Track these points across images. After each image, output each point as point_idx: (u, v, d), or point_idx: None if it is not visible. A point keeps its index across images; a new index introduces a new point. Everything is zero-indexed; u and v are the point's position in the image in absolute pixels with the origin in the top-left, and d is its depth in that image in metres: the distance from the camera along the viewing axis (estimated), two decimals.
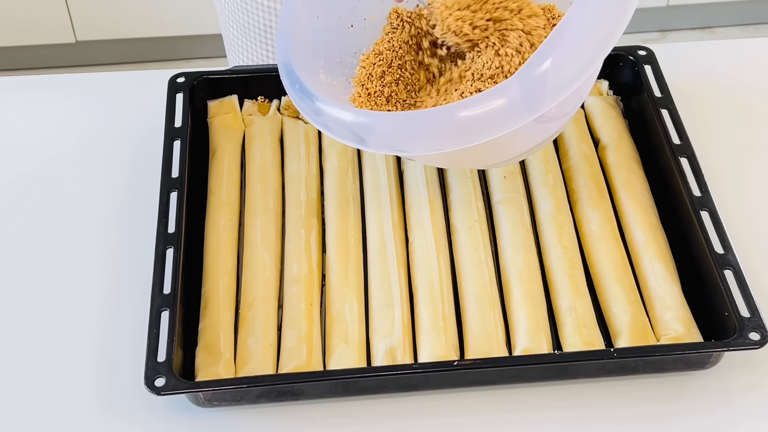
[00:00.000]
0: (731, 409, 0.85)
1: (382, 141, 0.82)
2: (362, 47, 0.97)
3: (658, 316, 0.89)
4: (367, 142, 0.81)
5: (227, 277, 0.92)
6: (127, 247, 0.97)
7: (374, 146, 0.82)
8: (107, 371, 0.88)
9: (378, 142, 0.81)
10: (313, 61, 0.92)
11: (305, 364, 0.86)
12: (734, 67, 1.15)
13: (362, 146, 0.81)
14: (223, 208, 0.97)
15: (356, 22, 0.97)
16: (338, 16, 0.96)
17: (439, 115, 0.80)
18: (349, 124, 0.82)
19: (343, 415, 0.85)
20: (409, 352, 0.87)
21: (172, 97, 1.02)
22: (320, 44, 0.94)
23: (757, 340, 0.82)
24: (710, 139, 1.06)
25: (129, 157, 1.05)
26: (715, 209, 0.92)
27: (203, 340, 0.88)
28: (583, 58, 0.77)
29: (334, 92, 0.92)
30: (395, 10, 0.97)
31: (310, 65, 0.91)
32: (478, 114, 0.77)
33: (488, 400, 0.86)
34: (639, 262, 0.93)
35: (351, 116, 0.83)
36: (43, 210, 1.01)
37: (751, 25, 2.63)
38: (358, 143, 0.81)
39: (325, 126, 0.83)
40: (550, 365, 0.84)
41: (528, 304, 0.89)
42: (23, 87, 1.15)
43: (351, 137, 0.82)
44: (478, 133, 0.78)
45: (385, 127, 0.82)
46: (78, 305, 0.93)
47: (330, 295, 0.91)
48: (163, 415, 0.85)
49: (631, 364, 0.86)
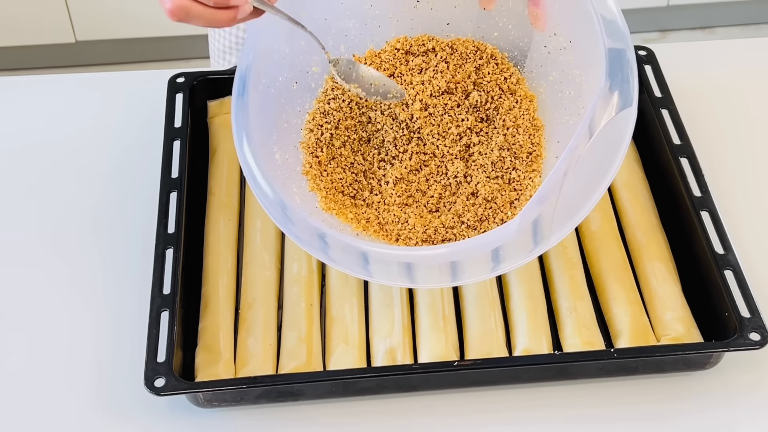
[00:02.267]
0: (731, 409, 0.85)
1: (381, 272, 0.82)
2: (306, 104, 0.95)
3: (659, 317, 0.89)
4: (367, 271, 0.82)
5: (227, 278, 0.92)
6: (127, 247, 0.97)
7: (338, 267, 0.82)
8: (107, 371, 0.88)
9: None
10: (267, 141, 0.89)
11: (305, 364, 0.86)
12: (734, 67, 1.15)
13: (367, 278, 0.83)
14: (223, 208, 0.97)
15: (300, 78, 0.94)
16: (284, 76, 0.93)
17: (432, 258, 0.81)
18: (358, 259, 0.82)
19: (343, 415, 0.85)
20: (409, 352, 0.87)
21: (172, 97, 1.02)
22: (271, 114, 0.91)
23: (757, 341, 0.82)
24: (710, 139, 1.05)
25: (129, 157, 1.05)
26: (715, 209, 0.92)
27: (203, 341, 0.88)
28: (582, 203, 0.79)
29: (288, 170, 0.90)
30: (337, 59, 0.95)
31: (265, 145, 0.88)
32: (468, 259, 0.80)
33: (488, 400, 0.86)
34: (639, 262, 0.93)
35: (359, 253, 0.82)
36: (42, 210, 1.01)
37: (751, 25, 2.63)
38: (364, 276, 0.82)
39: (295, 237, 0.82)
40: (550, 366, 0.84)
41: (528, 304, 0.89)
42: (23, 87, 1.15)
43: (356, 269, 0.82)
44: (469, 277, 0.81)
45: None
46: (78, 305, 0.93)
47: (330, 296, 0.91)
48: (163, 415, 0.85)
49: (631, 365, 0.86)
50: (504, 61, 0.96)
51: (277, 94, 0.92)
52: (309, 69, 0.95)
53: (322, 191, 0.90)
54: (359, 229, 0.89)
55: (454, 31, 0.97)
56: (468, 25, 0.97)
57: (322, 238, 0.81)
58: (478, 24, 0.97)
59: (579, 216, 0.79)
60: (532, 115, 0.93)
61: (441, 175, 0.92)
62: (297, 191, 0.89)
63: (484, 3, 0.93)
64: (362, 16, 0.97)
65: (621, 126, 0.80)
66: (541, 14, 0.90)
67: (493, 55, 0.96)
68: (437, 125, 0.93)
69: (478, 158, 0.91)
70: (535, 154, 0.91)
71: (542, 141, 0.92)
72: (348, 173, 0.92)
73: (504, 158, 0.91)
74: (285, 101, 0.93)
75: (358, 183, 0.92)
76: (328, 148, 0.93)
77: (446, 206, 0.90)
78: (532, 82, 0.95)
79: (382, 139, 0.94)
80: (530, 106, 0.93)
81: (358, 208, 0.91)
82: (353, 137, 0.94)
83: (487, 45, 0.96)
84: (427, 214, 0.90)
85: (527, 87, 0.95)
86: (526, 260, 0.80)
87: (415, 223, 0.88)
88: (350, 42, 0.97)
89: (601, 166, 0.80)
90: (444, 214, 0.89)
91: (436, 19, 0.97)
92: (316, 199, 0.90)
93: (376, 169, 0.93)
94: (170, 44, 2.47)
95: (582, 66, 0.88)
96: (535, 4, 0.90)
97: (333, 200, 0.90)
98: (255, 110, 0.88)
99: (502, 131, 0.92)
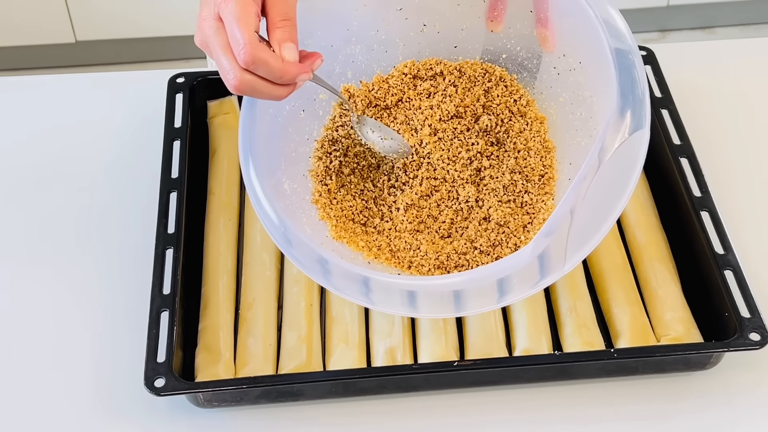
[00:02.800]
0: (731, 409, 0.85)
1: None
2: (314, 132, 0.94)
3: (659, 317, 0.89)
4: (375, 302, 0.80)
5: (227, 278, 0.92)
6: (126, 247, 0.97)
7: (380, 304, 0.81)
8: (107, 372, 0.88)
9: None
10: (276, 171, 0.88)
11: (305, 364, 0.86)
12: (734, 67, 1.15)
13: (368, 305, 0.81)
14: (223, 208, 0.97)
15: (307, 105, 0.94)
16: (291, 105, 0.92)
17: (441, 286, 0.80)
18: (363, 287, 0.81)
19: (343, 415, 0.85)
20: (409, 352, 0.87)
21: (172, 97, 1.02)
22: (279, 143, 0.90)
23: (757, 341, 0.82)
24: (710, 139, 1.05)
25: (129, 157, 1.05)
26: (715, 209, 0.92)
27: (203, 341, 0.88)
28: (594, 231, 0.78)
29: (297, 200, 0.89)
30: (346, 88, 0.95)
31: (274, 176, 0.87)
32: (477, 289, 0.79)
33: (488, 400, 0.86)
34: (639, 262, 0.93)
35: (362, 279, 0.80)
36: (42, 210, 1.01)
37: (751, 25, 2.63)
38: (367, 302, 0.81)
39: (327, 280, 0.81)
40: (550, 366, 0.84)
41: (528, 304, 0.89)
42: (23, 87, 1.15)
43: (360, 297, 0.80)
44: (473, 308, 0.80)
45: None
46: (78, 305, 0.93)
47: (330, 296, 0.91)
48: (163, 415, 0.85)
49: (631, 365, 0.86)
50: (513, 83, 0.95)
51: (285, 123, 0.91)
52: (316, 96, 0.94)
53: (332, 219, 0.89)
54: (371, 257, 0.87)
55: (462, 54, 0.97)
56: (476, 48, 0.96)
57: (323, 265, 0.80)
58: (486, 46, 0.95)
59: (591, 244, 0.77)
60: (543, 137, 0.92)
61: (452, 200, 0.90)
62: (307, 221, 0.88)
63: (491, 25, 0.92)
64: (369, 42, 0.96)
65: (633, 149, 0.78)
66: (550, 36, 0.89)
67: (502, 77, 0.95)
68: (447, 150, 0.91)
69: (490, 182, 0.90)
70: (547, 176, 0.90)
71: (554, 163, 0.91)
72: (358, 200, 0.91)
73: (516, 181, 0.89)
74: (293, 130, 0.92)
75: (368, 210, 0.91)
76: (338, 175, 0.92)
77: (458, 231, 0.89)
78: (542, 103, 0.94)
79: (391, 165, 0.92)
80: (541, 128, 0.92)
81: (369, 235, 0.89)
82: (362, 164, 0.93)
83: (496, 67, 0.95)
84: (439, 240, 0.89)
85: (537, 109, 0.94)
86: (533, 291, 0.78)
87: (427, 249, 0.87)
88: (357, 68, 0.96)
89: (614, 191, 0.78)
90: (456, 240, 0.88)
91: (444, 42, 0.96)
92: (327, 228, 0.89)
93: (386, 196, 0.91)
94: (170, 44, 2.47)
95: (593, 87, 0.87)
96: (543, 26, 0.89)
97: (343, 228, 0.89)
98: (263, 141, 0.87)
99: (513, 154, 0.91)
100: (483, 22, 0.94)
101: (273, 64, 0.75)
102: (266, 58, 0.74)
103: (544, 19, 0.89)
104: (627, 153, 0.78)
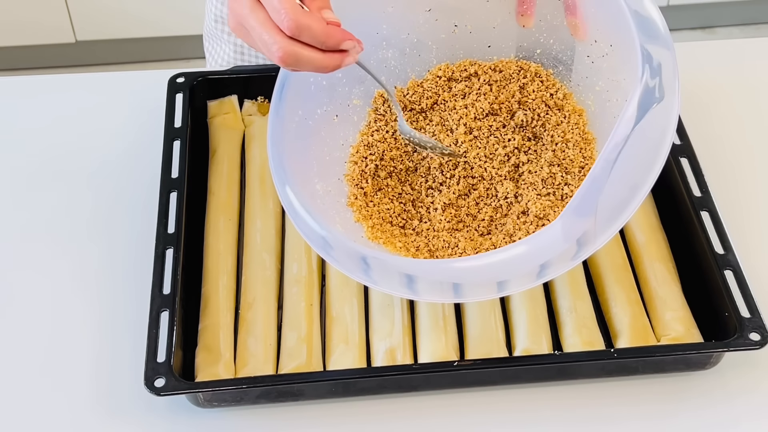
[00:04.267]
0: (731, 409, 0.85)
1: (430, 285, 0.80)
2: (349, 137, 0.94)
3: (659, 317, 0.89)
4: (376, 281, 0.79)
5: (227, 278, 0.92)
6: (126, 247, 0.97)
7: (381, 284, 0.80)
8: (107, 372, 0.88)
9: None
10: (307, 172, 0.88)
11: (305, 364, 0.86)
12: (734, 67, 1.15)
13: (368, 283, 0.80)
14: (223, 208, 0.97)
15: (340, 111, 0.93)
16: (323, 109, 0.92)
17: (477, 272, 0.79)
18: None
19: (343, 415, 0.85)
20: (409, 352, 0.87)
21: (172, 97, 1.02)
22: (310, 146, 0.90)
23: (757, 341, 0.82)
24: (710, 139, 1.05)
25: (129, 157, 1.05)
26: (715, 209, 0.92)
27: (203, 341, 0.88)
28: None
29: (331, 202, 0.89)
30: (380, 93, 0.95)
31: (305, 177, 0.87)
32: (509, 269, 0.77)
33: (488, 400, 0.86)
34: (639, 262, 0.93)
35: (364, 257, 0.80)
36: (41, 210, 1.01)
37: (751, 25, 2.63)
38: (365, 280, 0.80)
39: (336, 262, 0.81)
40: (550, 366, 0.84)
41: (528, 304, 0.89)
42: (23, 87, 1.15)
43: (357, 270, 0.80)
44: (515, 283, 0.79)
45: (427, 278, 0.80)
46: (78, 305, 0.93)
47: (330, 296, 0.91)
48: (163, 415, 0.85)
49: (631, 365, 0.86)
50: (549, 78, 0.94)
51: (316, 126, 0.91)
52: (350, 102, 0.94)
53: (369, 221, 0.89)
54: (409, 257, 0.87)
55: (496, 53, 0.96)
56: (510, 46, 0.95)
57: (364, 261, 0.79)
58: (520, 43, 0.95)
59: (624, 216, 0.76)
60: (582, 128, 0.91)
61: (491, 198, 0.90)
62: (340, 222, 0.88)
63: (522, 20, 0.92)
64: (400, 45, 0.95)
65: (662, 120, 0.77)
66: (580, 23, 0.88)
67: (537, 72, 0.94)
68: (483, 147, 0.91)
69: (528, 177, 0.89)
70: (588, 168, 0.89)
71: (594, 154, 0.89)
72: (396, 203, 0.91)
73: (554, 174, 0.88)
74: (326, 134, 0.92)
75: (406, 213, 0.91)
76: (374, 179, 0.91)
77: (498, 228, 0.88)
78: (579, 95, 0.93)
79: (428, 166, 0.92)
80: (579, 120, 0.91)
81: (407, 237, 0.89)
82: (399, 167, 0.93)
83: (531, 64, 0.95)
84: (478, 237, 0.88)
85: (575, 101, 0.93)
86: (570, 266, 0.77)
87: (466, 246, 0.86)
88: (391, 73, 0.95)
89: (644, 164, 0.76)
90: (495, 235, 0.87)
91: (477, 42, 0.96)
92: (362, 230, 0.88)
93: (424, 198, 0.91)
94: (170, 44, 2.48)
95: (625, 70, 0.85)
96: (572, 14, 0.88)
97: (380, 230, 0.88)
98: (290, 141, 0.86)
99: (550, 147, 0.90)
100: (514, 18, 0.93)
101: (316, 28, 0.74)
102: (309, 23, 0.74)
103: (572, 6, 0.88)
104: (655, 125, 0.76)
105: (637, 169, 0.77)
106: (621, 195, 0.76)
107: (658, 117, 0.76)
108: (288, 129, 0.87)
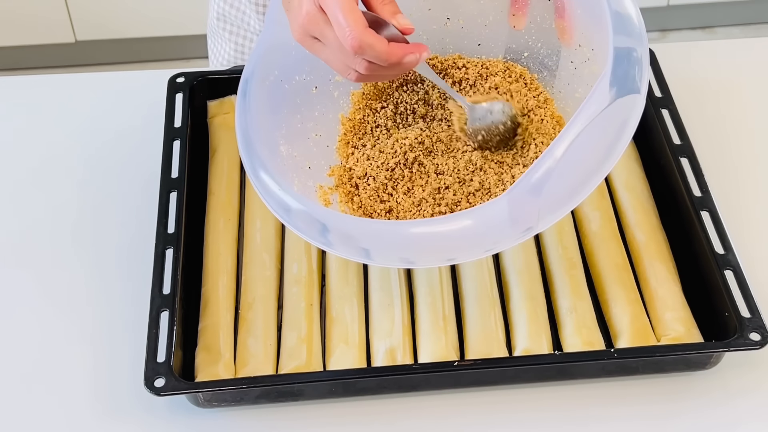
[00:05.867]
0: (731, 409, 0.85)
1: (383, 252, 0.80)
2: (325, 110, 0.94)
3: (659, 317, 0.89)
4: (334, 245, 0.79)
5: (227, 278, 0.92)
6: (126, 247, 0.97)
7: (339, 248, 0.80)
8: (107, 372, 0.88)
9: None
10: (273, 132, 0.88)
11: (305, 364, 0.86)
12: (734, 67, 1.15)
13: (329, 249, 0.80)
14: (223, 208, 0.97)
15: (321, 84, 0.93)
16: (302, 77, 0.92)
17: (425, 235, 0.78)
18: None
19: (343, 415, 0.85)
20: (409, 352, 0.87)
21: (172, 97, 1.02)
22: (281, 110, 0.90)
23: (757, 341, 0.82)
24: (710, 139, 1.05)
25: (129, 157, 1.05)
26: (715, 209, 0.92)
27: (203, 341, 0.88)
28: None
29: (293, 165, 0.89)
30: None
31: (270, 137, 0.87)
32: (456, 235, 0.77)
33: (488, 400, 0.86)
34: (639, 262, 0.93)
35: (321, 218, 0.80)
36: (41, 210, 1.01)
37: (751, 25, 2.63)
38: (324, 246, 0.80)
39: (294, 226, 0.81)
40: (550, 366, 0.84)
41: (528, 304, 0.89)
42: (23, 87, 1.15)
43: (319, 239, 0.80)
44: (462, 253, 0.79)
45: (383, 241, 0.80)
46: (77, 305, 0.93)
47: (330, 296, 0.91)
48: (163, 415, 0.85)
49: (631, 365, 0.86)
50: (533, 81, 0.94)
51: (292, 91, 0.91)
52: (332, 77, 0.94)
53: (352, 205, 0.89)
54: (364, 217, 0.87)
55: (485, 52, 0.96)
56: (499, 46, 0.96)
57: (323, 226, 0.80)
58: (509, 44, 0.95)
59: (573, 202, 0.76)
60: (553, 136, 0.90)
61: (455, 161, 0.89)
62: (298, 184, 0.88)
63: (514, 20, 0.92)
64: None
65: (624, 112, 0.76)
66: (568, 26, 0.88)
67: (522, 75, 0.95)
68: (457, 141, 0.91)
69: (492, 171, 0.89)
70: None
71: None
72: (377, 202, 0.90)
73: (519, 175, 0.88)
74: (301, 102, 0.92)
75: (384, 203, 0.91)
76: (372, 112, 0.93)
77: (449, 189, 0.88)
78: (560, 102, 0.93)
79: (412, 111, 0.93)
80: (557, 127, 0.91)
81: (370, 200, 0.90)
82: (389, 123, 0.93)
83: (517, 65, 0.95)
84: (435, 193, 0.88)
85: (555, 108, 0.93)
86: (513, 243, 0.77)
87: (422, 199, 0.87)
88: None
89: (600, 154, 0.76)
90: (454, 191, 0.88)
91: (467, 38, 0.96)
92: (315, 195, 0.89)
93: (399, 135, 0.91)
94: (170, 44, 2.48)
95: None
96: (561, 17, 0.89)
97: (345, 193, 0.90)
98: (261, 95, 0.87)
99: (525, 150, 0.90)
100: (506, 18, 0.93)
101: (379, 48, 0.75)
102: (372, 42, 0.75)
103: (561, 8, 0.89)
104: (615, 117, 0.76)
105: (593, 157, 0.76)
106: (572, 181, 0.76)
107: (621, 109, 0.76)
108: (262, 85, 0.87)
